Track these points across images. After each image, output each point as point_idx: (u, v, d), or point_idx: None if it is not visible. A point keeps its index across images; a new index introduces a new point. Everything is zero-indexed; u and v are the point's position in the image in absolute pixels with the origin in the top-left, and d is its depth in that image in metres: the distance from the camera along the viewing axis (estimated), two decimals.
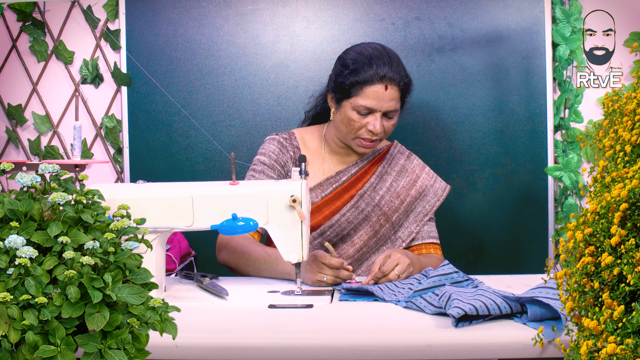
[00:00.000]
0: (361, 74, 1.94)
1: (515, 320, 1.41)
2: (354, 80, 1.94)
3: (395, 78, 1.95)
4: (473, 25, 2.61)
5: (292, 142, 2.09)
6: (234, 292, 1.70)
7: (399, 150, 2.13)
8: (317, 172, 2.08)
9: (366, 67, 1.94)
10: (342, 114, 1.99)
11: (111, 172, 2.75)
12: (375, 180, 2.06)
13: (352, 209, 2.02)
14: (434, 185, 2.09)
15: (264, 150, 2.07)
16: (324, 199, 2.03)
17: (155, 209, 1.62)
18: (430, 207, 2.08)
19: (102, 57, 2.70)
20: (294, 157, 2.05)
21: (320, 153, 2.11)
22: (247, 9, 2.65)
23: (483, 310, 1.39)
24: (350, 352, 1.34)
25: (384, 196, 2.04)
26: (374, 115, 1.95)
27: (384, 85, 1.93)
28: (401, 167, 2.09)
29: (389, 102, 1.95)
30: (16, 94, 2.75)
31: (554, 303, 1.37)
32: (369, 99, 1.93)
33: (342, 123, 2.00)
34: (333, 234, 2.00)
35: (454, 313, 1.37)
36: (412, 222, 2.06)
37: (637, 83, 1.24)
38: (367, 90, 1.93)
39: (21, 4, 2.66)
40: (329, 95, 2.06)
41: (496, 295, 1.45)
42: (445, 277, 1.64)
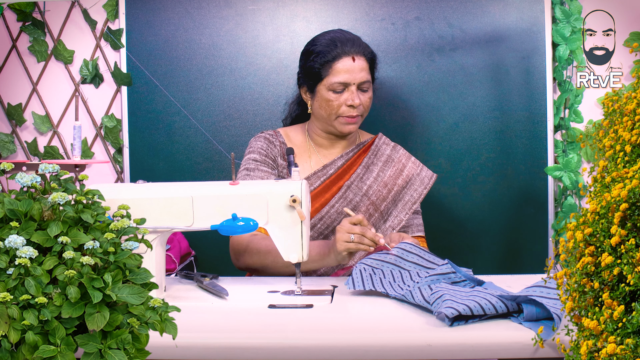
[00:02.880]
0: (328, 54, 2.04)
1: (512, 320, 1.41)
2: (322, 61, 2.04)
3: (360, 50, 2.05)
4: (473, 25, 2.61)
5: (278, 138, 2.13)
6: (234, 292, 1.70)
7: (384, 142, 2.18)
8: (305, 166, 2.12)
9: (331, 47, 2.04)
10: (319, 99, 2.06)
11: (111, 172, 2.75)
12: (362, 170, 2.10)
13: (341, 199, 2.06)
14: (420, 173, 2.14)
15: (253, 149, 2.10)
16: (313, 193, 2.07)
17: (155, 209, 1.62)
18: (417, 195, 2.12)
19: (102, 57, 2.70)
20: (282, 152, 2.10)
21: (306, 148, 2.15)
22: (247, 9, 2.65)
23: (478, 310, 1.40)
24: (350, 352, 1.34)
25: (372, 186, 2.08)
26: (349, 90, 2.03)
27: (351, 57, 2.03)
28: (387, 157, 2.14)
29: (360, 73, 2.03)
30: (16, 94, 2.75)
31: (547, 302, 1.37)
32: (341, 74, 2.02)
33: (321, 108, 2.06)
34: (324, 226, 2.03)
35: (447, 313, 1.37)
36: (400, 210, 2.10)
37: (637, 83, 1.24)
38: (337, 66, 2.02)
39: (21, 4, 2.66)
40: (301, 90, 2.14)
41: (492, 295, 1.45)
42: (443, 276, 1.65)
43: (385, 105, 2.61)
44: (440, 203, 2.62)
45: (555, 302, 1.38)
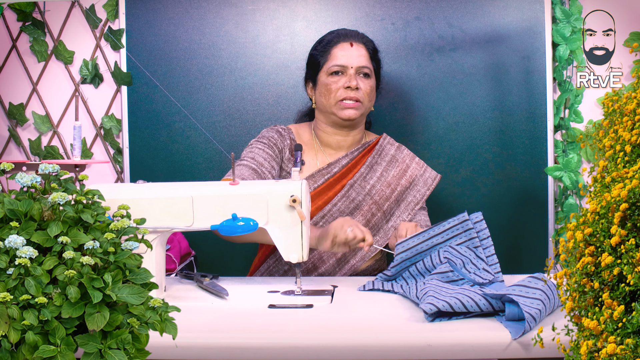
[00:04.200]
0: (328, 43, 2.10)
1: (496, 319, 1.42)
2: (322, 49, 2.10)
3: (358, 38, 2.12)
4: (473, 25, 2.61)
5: (289, 134, 2.15)
6: (234, 292, 1.70)
7: (388, 142, 2.19)
8: (310, 164, 2.13)
9: (331, 36, 2.13)
10: (320, 87, 2.11)
11: (111, 172, 2.75)
12: (365, 170, 2.12)
13: (343, 198, 2.07)
14: (424, 174, 2.15)
15: (262, 135, 2.14)
16: (316, 190, 2.07)
17: (155, 209, 1.62)
18: (420, 196, 2.13)
19: (102, 57, 2.70)
20: (291, 147, 2.12)
21: (313, 146, 2.17)
22: (247, 9, 2.65)
23: (459, 308, 1.41)
24: (350, 352, 1.34)
25: (375, 185, 2.09)
26: (347, 74, 2.07)
27: (349, 43, 2.08)
28: (391, 157, 2.15)
29: (358, 58, 2.08)
30: (16, 93, 2.75)
31: (523, 301, 1.37)
32: (338, 57, 2.07)
33: (322, 95, 2.10)
34: (326, 224, 2.03)
35: (426, 309, 1.39)
36: (403, 210, 2.11)
37: (637, 83, 1.24)
38: (334, 50, 2.09)
39: (21, 4, 2.66)
40: (307, 87, 2.18)
41: (476, 292, 1.45)
42: (440, 275, 1.66)
43: (385, 105, 2.61)
44: (440, 203, 2.62)
45: (532, 301, 1.38)
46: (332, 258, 2.06)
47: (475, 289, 1.50)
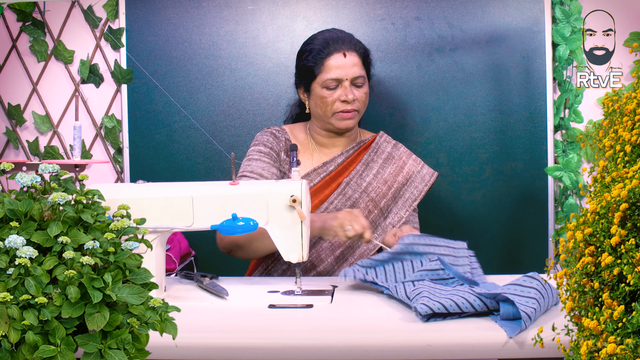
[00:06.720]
0: (320, 52, 2.06)
1: (491, 319, 1.42)
2: (314, 59, 2.06)
3: (351, 46, 2.08)
4: (473, 25, 2.61)
5: (284, 135, 2.15)
6: (234, 292, 1.70)
7: (385, 140, 2.19)
8: (306, 163, 2.14)
9: (323, 45, 2.07)
10: (314, 97, 2.08)
11: (111, 172, 2.74)
12: (361, 167, 2.12)
13: (340, 196, 2.08)
14: (421, 171, 2.15)
15: (259, 141, 2.13)
16: (312, 189, 2.08)
17: (155, 209, 1.62)
18: (418, 193, 2.13)
19: (102, 57, 2.70)
20: (286, 148, 2.12)
21: (308, 145, 2.17)
22: (247, 9, 2.65)
23: (454, 308, 1.41)
24: (350, 352, 1.34)
25: (371, 182, 2.10)
26: (342, 86, 2.05)
27: (342, 54, 2.05)
28: (388, 154, 2.15)
29: (352, 69, 2.05)
30: (16, 93, 2.75)
31: (519, 300, 1.38)
32: (332, 70, 2.04)
33: (317, 106, 2.09)
34: None
35: (420, 310, 1.39)
36: (401, 207, 2.11)
37: (637, 83, 1.24)
38: (328, 62, 2.05)
39: (21, 4, 2.66)
40: (298, 90, 2.17)
41: (470, 293, 1.46)
42: (431, 272, 1.66)
43: (385, 105, 2.61)
44: (440, 203, 2.62)
45: (527, 300, 1.39)
46: (330, 256, 2.06)
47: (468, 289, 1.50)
